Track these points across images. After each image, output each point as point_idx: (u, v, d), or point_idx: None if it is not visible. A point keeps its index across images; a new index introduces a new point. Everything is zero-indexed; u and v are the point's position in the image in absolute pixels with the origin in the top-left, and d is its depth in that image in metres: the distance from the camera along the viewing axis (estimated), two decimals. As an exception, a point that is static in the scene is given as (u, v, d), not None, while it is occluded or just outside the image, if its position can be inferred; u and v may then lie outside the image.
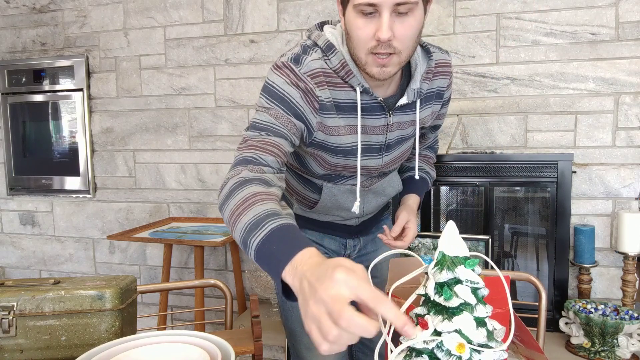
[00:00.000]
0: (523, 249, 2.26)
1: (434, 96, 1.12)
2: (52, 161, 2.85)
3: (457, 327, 0.54)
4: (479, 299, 0.56)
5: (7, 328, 0.82)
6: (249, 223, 0.73)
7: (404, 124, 1.09)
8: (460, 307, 0.55)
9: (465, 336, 0.54)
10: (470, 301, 0.55)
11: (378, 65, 0.91)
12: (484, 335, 0.55)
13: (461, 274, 0.55)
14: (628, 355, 1.76)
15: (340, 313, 0.51)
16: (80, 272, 2.93)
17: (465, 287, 0.55)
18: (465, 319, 0.55)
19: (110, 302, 0.84)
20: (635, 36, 2.02)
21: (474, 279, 0.55)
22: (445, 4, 2.21)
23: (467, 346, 0.54)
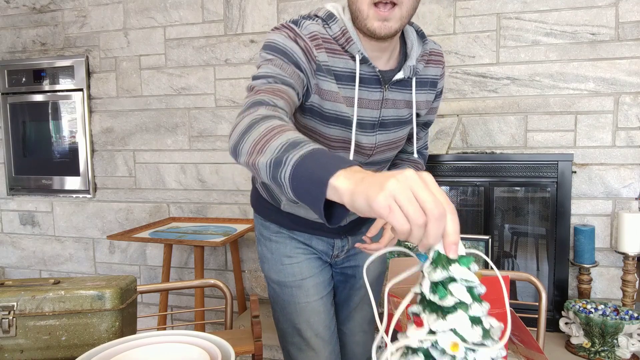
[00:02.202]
0: (523, 249, 2.26)
1: (429, 83, 1.13)
2: (52, 161, 2.85)
3: (452, 326, 0.54)
4: (474, 297, 0.56)
5: (7, 328, 0.82)
6: (284, 143, 0.66)
7: (398, 102, 1.08)
8: (455, 306, 0.54)
9: (460, 335, 0.54)
10: (465, 300, 0.54)
11: (380, 18, 0.92)
12: (479, 334, 0.54)
13: (456, 273, 0.54)
14: (628, 355, 1.76)
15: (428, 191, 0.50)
16: (80, 272, 2.93)
17: (460, 286, 0.54)
18: (460, 317, 0.54)
19: (110, 302, 0.84)
20: (635, 36, 2.02)
21: (469, 277, 0.54)
22: (445, 4, 2.21)
23: (462, 345, 0.53)
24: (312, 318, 1.23)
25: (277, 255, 1.23)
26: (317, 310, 1.23)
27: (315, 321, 1.23)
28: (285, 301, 1.24)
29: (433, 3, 2.22)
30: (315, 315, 1.23)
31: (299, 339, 1.24)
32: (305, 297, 1.22)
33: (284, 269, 1.23)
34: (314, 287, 1.22)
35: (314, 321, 1.23)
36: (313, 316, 1.23)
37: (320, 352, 1.24)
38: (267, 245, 1.26)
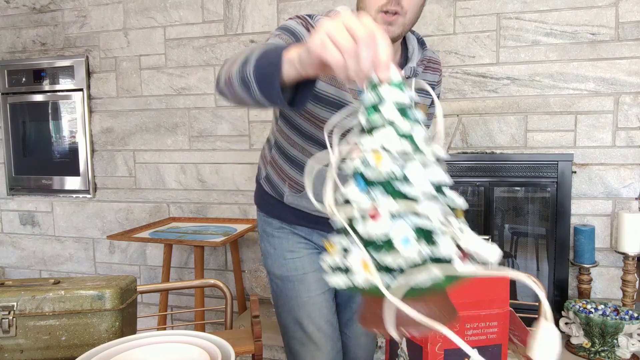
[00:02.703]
0: (523, 249, 2.26)
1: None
2: (52, 161, 2.85)
3: (378, 142, 0.54)
4: (406, 116, 0.55)
5: (7, 328, 0.82)
6: (253, 49, 0.74)
7: None
8: (384, 123, 0.55)
9: (385, 149, 0.53)
10: (394, 119, 0.54)
11: (385, 23, 1.01)
12: (408, 147, 0.54)
13: (385, 94, 0.55)
14: (628, 355, 1.76)
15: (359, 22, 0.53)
16: (80, 272, 2.93)
17: (390, 106, 0.54)
18: (387, 133, 0.54)
19: (110, 302, 0.84)
20: (635, 36, 2.02)
21: (400, 98, 0.54)
22: (445, 4, 2.21)
23: (386, 157, 0.53)
24: (314, 312, 1.24)
25: (280, 250, 1.26)
26: (319, 304, 1.24)
27: (317, 315, 1.24)
28: (288, 296, 1.26)
29: (433, 3, 2.22)
30: (317, 310, 1.24)
31: (301, 333, 1.26)
32: (307, 292, 1.24)
33: (286, 264, 1.25)
34: (316, 282, 1.24)
35: (315, 315, 1.24)
36: (315, 310, 1.24)
37: (322, 347, 1.25)
38: (269, 241, 1.28)
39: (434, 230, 0.52)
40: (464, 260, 0.51)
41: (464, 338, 0.74)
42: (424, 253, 0.50)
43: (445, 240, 0.52)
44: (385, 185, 0.53)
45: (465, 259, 0.52)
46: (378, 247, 0.52)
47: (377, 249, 0.52)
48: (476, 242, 0.52)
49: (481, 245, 0.52)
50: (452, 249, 0.51)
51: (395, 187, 0.53)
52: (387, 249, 0.51)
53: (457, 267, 0.50)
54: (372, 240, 0.52)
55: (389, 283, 0.50)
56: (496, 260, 0.52)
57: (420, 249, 0.50)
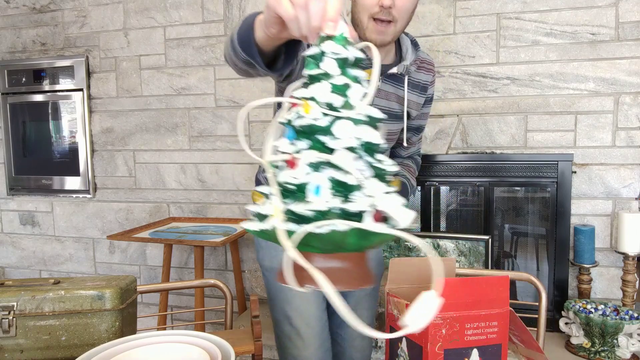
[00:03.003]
0: (523, 249, 2.26)
1: (419, 87, 1.28)
2: (52, 161, 2.85)
3: (311, 94, 0.54)
4: (345, 72, 0.55)
5: (7, 328, 0.82)
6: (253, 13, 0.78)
7: (390, 95, 1.21)
8: (319, 76, 0.55)
9: (317, 101, 0.53)
10: (331, 71, 0.54)
11: (377, 31, 1.07)
12: (339, 101, 0.54)
13: (327, 47, 0.55)
14: (628, 355, 1.76)
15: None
16: (80, 272, 2.93)
17: (329, 59, 0.54)
18: (321, 86, 0.54)
19: (110, 302, 0.84)
20: (635, 36, 2.02)
21: (341, 51, 0.54)
22: (445, 4, 2.21)
23: (315, 107, 0.53)
24: (302, 307, 1.25)
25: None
26: (308, 299, 1.25)
27: (306, 310, 1.25)
28: (277, 288, 1.27)
29: (433, 3, 2.22)
30: (306, 305, 1.25)
31: (289, 327, 1.27)
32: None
33: (277, 255, 1.25)
34: None
35: (304, 310, 1.25)
36: (303, 305, 1.25)
37: (309, 343, 1.25)
38: None
39: (350, 186, 0.51)
40: (377, 221, 0.51)
41: (464, 338, 0.74)
42: (332, 204, 0.50)
43: (360, 197, 0.51)
44: (311, 137, 0.54)
45: (379, 220, 0.51)
46: (293, 195, 0.52)
47: (292, 197, 0.52)
48: (391, 204, 0.52)
49: (395, 208, 0.52)
50: (365, 207, 0.51)
51: (320, 140, 0.53)
52: (300, 198, 0.52)
53: (366, 224, 0.50)
54: (288, 188, 0.52)
55: (292, 229, 0.50)
56: (406, 224, 0.53)
57: (330, 200, 0.50)
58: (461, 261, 2.03)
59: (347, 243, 0.51)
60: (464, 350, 0.74)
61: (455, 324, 0.73)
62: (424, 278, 0.90)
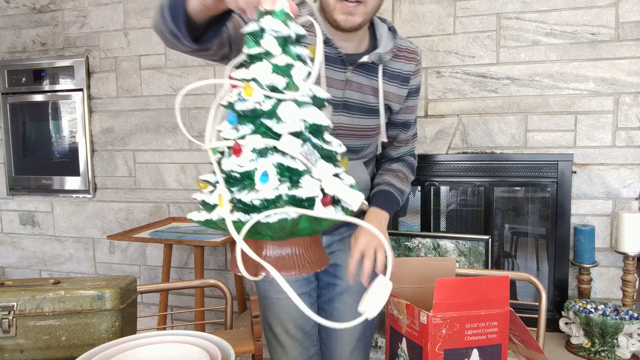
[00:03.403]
0: (523, 249, 2.26)
1: (400, 77, 1.16)
2: (52, 161, 2.85)
3: (253, 75, 0.52)
4: (287, 50, 0.53)
5: (7, 328, 0.82)
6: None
7: (364, 87, 1.12)
8: (260, 55, 0.52)
9: (258, 83, 0.51)
10: (271, 50, 0.52)
11: (345, 12, 0.99)
12: (282, 82, 0.51)
13: (266, 24, 0.52)
14: (628, 355, 1.76)
15: None
16: (80, 272, 2.93)
17: (269, 37, 0.52)
18: (262, 66, 0.52)
19: (110, 302, 0.84)
20: (635, 36, 2.02)
21: (282, 30, 0.52)
22: (445, 4, 2.21)
23: (258, 90, 0.50)
24: (282, 315, 1.23)
25: None
26: (288, 307, 1.22)
27: (285, 319, 1.23)
28: (260, 295, 1.27)
29: (433, 3, 2.22)
30: (285, 313, 1.23)
31: (270, 333, 1.27)
32: (276, 293, 1.23)
33: None
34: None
35: (284, 318, 1.23)
36: (283, 313, 1.23)
37: (289, 350, 1.24)
38: None
39: (298, 172, 0.50)
40: (327, 205, 0.50)
41: (464, 338, 0.74)
42: (280, 191, 0.48)
43: (309, 182, 0.50)
44: (254, 120, 0.52)
45: (329, 204, 0.50)
46: (239, 183, 0.51)
47: (238, 185, 0.51)
48: (341, 187, 0.51)
49: (345, 191, 0.51)
50: (314, 192, 0.49)
51: (265, 124, 0.51)
52: (246, 186, 0.50)
53: (317, 210, 0.49)
54: (233, 176, 0.51)
55: (240, 218, 0.49)
56: (357, 206, 0.51)
57: (278, 187, 0.48)
58: (461, 261, 2.03)
59: (299, 229, 0.50)
60: (464, 351, 0.74)
61: (456, 324, 0.73)
62: (424, 278, 0.90)
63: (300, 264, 0.53)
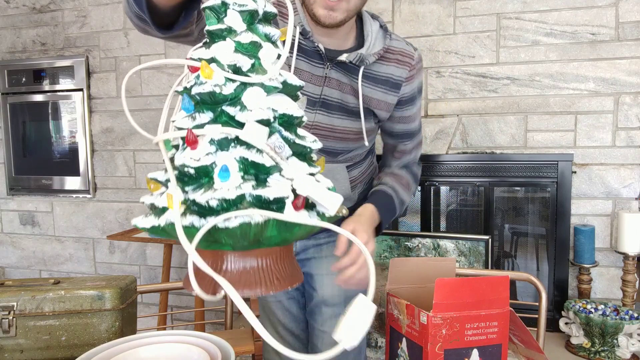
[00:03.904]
0: (523, 249, 2.26)
1: (389, 83, 1.05)
2: (52, 161, 2.85)
3: (213, 55, 0.45)
4: (253, 28, 0.46)
5: (7, 328, 0.82)
6: None
7: (344, 85, 1.03)
8: (223, 33, 0.46)
9: (219, 63, 0.44)
10: (235, 26, 0.45)
11: (326, 7, 0.91)
12: (246, 63, 0.44)
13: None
14: (628, 355, 1.76)
15: None
16: (80, 272, 2.93)
17: (233, 12, 0.45)
18: (223, 44, 0.45)
19: (110, 302, 0.84)
20: (635, 36, 2.02)
21: (246, 2, 0.45)
22: (445, 4, 2.21)
23: (218, 72, 0.43)
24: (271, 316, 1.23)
25: None
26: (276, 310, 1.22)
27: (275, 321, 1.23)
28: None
29: (433, 3, 2.22)
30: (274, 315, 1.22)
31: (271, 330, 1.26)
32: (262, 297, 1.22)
33: None
34: None
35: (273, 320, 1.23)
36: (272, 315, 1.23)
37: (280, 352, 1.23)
38: None
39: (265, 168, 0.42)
40: (299, 209, 0.42)
41: (464, 338, 0.74)
42: (243, 190, 0.40)
43: (277, 180, 0.42)
44: (214, 107, 0.44)
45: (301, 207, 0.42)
46: (194, 180, 0.43)
47: (193, 183, 0.43)
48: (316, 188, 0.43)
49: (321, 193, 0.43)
50: (284, 192, 0.41)
51: (226, 111, 0.43)
52: (202, 184, 0.42)
53: (287, 213, 0.41)
54: (187, 172, 0.42)
55: (193, 223, 0.40)
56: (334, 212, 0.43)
57: (240, 185, 0.40)
58: (461, 261, 2.03)
59: (266, 237, 0.41)
60: (464, 351, 0.74)
61: (456, 324, 0.73)
62: (424, 278, 0.90)
63: (268, 279, 0.44)
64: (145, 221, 0.44)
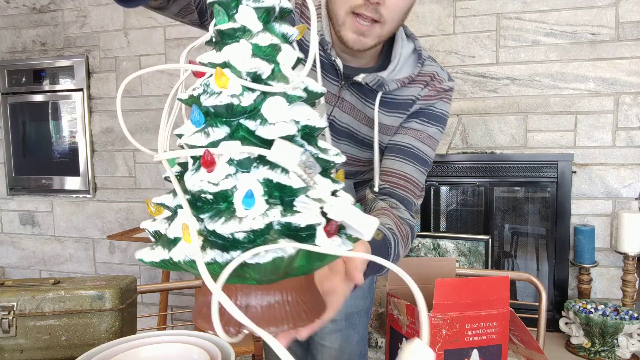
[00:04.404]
0: (523, 249, 2.26)
1: (403, 106, 0.89)
2: (52, 161, 2.85)
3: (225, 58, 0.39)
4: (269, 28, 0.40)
5: (7, 328, 0.81)
6: None
7: (357, 112, 0.89)
8: (234, 32, 0.40)
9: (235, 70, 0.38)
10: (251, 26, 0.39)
11: (356, 31, 0.78)
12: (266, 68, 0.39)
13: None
14: (628, 355, 1.76)
15: None
16: (80, 272, 2.93)
17: (247, 8, 0.39)
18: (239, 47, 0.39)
19: (110, 302, 0.84)
20: (635, 36, 2.02)
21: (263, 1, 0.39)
22: (445, 4, 2.21)
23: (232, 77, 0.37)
24: None
25: None
26: None
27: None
28: None
29: (433, 3, 2.22)
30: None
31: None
32: None
33: None
34: None
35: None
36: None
37: None
38: None
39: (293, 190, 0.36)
40: (330, 235, 0.37)
41: (464, 338, 0.74)
42: (271, 218, 0.35)
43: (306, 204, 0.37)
44: (230, 121, 0.38)
45: (333, 233, 0.37)
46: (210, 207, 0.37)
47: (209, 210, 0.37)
48: (350, 211, 0.38)
49: (356, 216, 0.38)
50: (317, 218, 0.36)
51: (244, 124, 0.38)
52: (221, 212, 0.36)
53: (320, 243, 0.36)
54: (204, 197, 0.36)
55: (216, 259, 0.35)
56: (370, 237, 0.38)
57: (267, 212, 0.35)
58: (461, 261, 2.03)
59: (294, 268, 0.37)
60: (464, 351, 0.74)
61: (456, 324, 0.73)
62: (424, 278, 0.90)
63: (295, 313, 0.39)
64: (152, 254, 0.38)
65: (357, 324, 1.13)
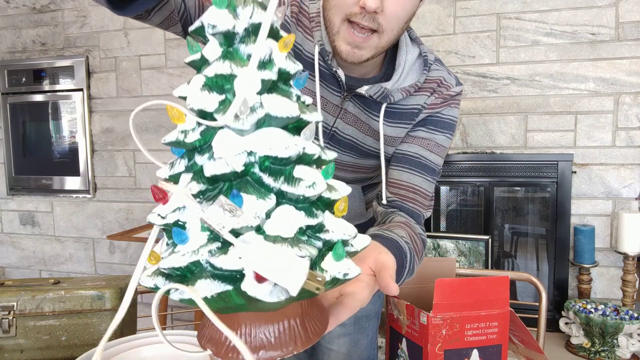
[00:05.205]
0: (523, 249, 2.26)
1: (408, 116, 0.85)
2: (52, 161, 2.85)
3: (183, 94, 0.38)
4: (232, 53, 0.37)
5: (7, 328, 0.81)
6: None
7: (361, 124, 0.86)
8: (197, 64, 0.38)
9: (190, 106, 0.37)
10: (209, 56, 0.37)
11: (351, 42, 0.73)
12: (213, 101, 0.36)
13: (206, 17, 0.36)
14: (628, 355, 1.76)
15: None
16: (80, 272, 2.93)
17: (210, 37, 0.37)
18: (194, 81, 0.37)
19: (110, 302, 0.84)
20: (635, 36, 2.02)
21: (220, 21, 0.36)
22: (445, 4, 2.21)
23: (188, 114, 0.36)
24: None
25: None
26: None
27: None
28: None
29: (433, 3, 2.22)
30: None
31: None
32: None
33: None
34: None
35: None
36: None
37: None
38: None
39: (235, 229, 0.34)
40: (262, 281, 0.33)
41: (464, 338, 0.74)
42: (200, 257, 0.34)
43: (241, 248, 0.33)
44: (190, 155, 0.38)
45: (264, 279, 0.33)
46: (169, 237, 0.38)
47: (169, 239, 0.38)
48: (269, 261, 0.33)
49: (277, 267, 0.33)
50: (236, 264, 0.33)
51: (196, 161, 0.37)
52: (170, 245, 0.38)
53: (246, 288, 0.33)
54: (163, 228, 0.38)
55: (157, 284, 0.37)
56: (296, 291, 0.33)
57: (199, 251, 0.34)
58: (461, 261, 2.03)
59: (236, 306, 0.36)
60: (464, 351, 0.74)
61: (456, 324, 0.73)
62: (424, 278, 0.90)
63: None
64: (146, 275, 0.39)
65: (366, 327, 1.12)
